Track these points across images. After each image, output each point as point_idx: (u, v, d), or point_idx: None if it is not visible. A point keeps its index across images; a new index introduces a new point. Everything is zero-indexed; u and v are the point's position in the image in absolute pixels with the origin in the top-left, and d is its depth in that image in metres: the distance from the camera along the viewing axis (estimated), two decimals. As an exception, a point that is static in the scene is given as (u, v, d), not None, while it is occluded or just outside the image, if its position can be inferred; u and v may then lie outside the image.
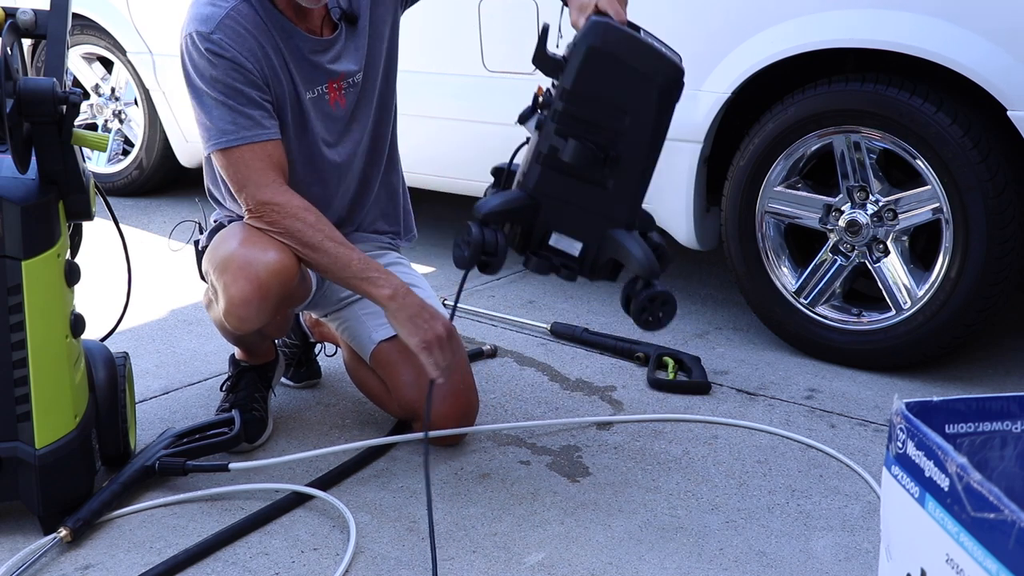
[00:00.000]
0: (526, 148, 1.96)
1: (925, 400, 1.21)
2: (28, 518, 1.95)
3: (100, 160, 4.54)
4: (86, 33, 4.35)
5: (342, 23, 2.19)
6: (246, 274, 2.03)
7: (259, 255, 2.04)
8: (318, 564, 1.86)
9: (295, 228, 2.05)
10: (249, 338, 2.27)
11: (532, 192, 1.89)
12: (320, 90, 2.17)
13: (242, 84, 2.04)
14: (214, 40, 2.02)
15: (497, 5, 3.08)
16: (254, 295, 2.04)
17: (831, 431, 2.37)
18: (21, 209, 1.82)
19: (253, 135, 2.05)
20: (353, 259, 2.06)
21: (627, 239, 1.92)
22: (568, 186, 1.89)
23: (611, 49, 1.83)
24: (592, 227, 1.92)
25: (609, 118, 1.86)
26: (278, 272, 2.04)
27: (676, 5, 2.79)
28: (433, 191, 3.50)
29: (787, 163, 2.71)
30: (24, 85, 1.78)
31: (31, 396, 1.87)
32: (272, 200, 2.05)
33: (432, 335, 2.02)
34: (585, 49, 1.83)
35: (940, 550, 1.10)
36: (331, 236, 2.07)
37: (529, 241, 1.94)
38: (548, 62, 1.88)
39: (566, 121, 1.85)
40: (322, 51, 2.16)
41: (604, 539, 1.93)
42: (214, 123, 2.05)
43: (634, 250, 1.91)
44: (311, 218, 2.06)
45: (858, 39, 2.51)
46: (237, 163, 2.05)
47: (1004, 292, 2.51)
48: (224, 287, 2.06)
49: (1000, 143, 2.43)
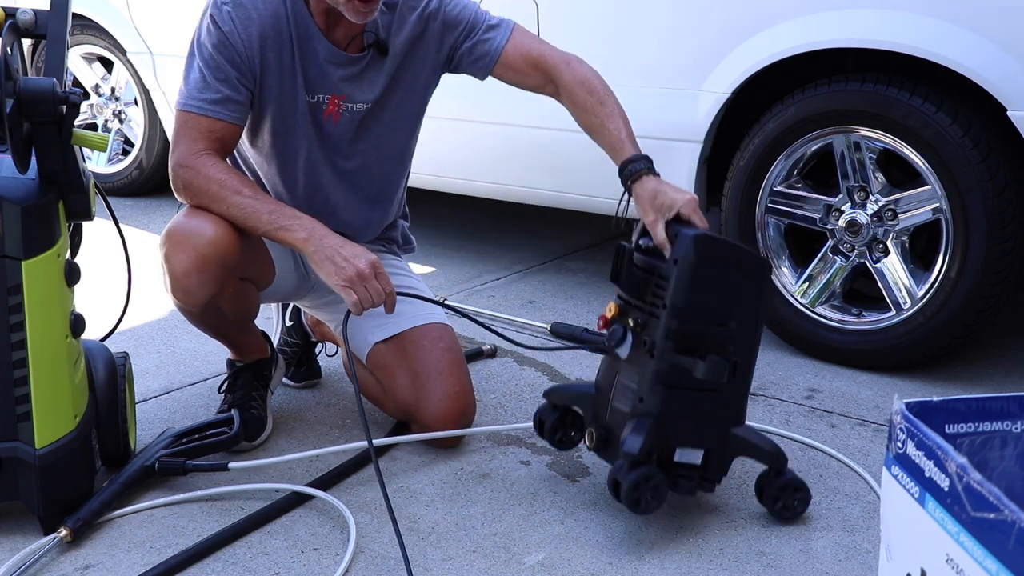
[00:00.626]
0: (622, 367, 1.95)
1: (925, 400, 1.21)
2: (28, 518, 1.95)
3: (100, 160, 4.54)
4: (86, 33, 4.35)
5: (371, 49, 2.17)
6: (184, 246, 2.04)
7: (197, 225, 2.05)
8: (318, 564, 1.86)
9: (202, 187, 2.05)
10: (217, 323, 2.25)
11: (659, 416, 1.88)
12: (322, 98, 2.17)
13: (225, 62, 2.06)
14: (223, 11, 2.06)
15: (497, 5, 3.08)
16: (193, 265, 2.04)
17: (831, 431, 2.37)
18: (21, 209, 1.81)
19: (212, 110, 2.07)
20: (263, 211, 2.04)
21: (747, 433, 1.95)
22: (689, 399, 1.89)
23: (715, 261, 1.87)
24: (713, 432, 1.92)
25: (720, 325, 1.88)
26: (214, 240, 2.04)
27: (676, 5, 2.79)
28: (433, 191, 3.50)
29: (787, 163, 2.71)
30: (24, 85, 1.78)
31: (31, 396, 1.87)
32: (187, 163, 2.07)
33: (353, 272, 1.99)
34: (693, 267, 1.85)
35: (940, 550, 1.10)
36: (239, 191, 2.05)
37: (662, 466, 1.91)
38: (635, 281, 1.93)
39: (680, 338, 1.85)
40: (339, 64, 2.15)
41: (604, 539, 1.93)
42: (188, 86, 2.09)
43: (759, 443, 1.95)
44: (220, 177, 2.05)
45: (858, 39, 2.51)
46: (184, 126, 2.09)
47: (1004, 292, 2.51)
48: (166, 259, 2.07)
49: (1000, 143, 2.43)
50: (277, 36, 2.09)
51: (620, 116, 2.14)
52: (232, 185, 2.05)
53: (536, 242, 3.84)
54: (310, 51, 2.12)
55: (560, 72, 2.20)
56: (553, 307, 3.18)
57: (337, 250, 2.01)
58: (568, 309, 3.15)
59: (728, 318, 1.88)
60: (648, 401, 1.88)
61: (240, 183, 2.07)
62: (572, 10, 2.98)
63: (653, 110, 2.84)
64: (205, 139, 2.07)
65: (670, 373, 1.86)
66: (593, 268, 3.52)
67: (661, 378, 1.87)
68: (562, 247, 3.78)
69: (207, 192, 2.06)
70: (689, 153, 2.79)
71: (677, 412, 1.88)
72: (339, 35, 2.14)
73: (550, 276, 3.47)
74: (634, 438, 1.85)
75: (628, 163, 2.06)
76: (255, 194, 2.07)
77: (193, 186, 2.07)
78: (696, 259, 1.85)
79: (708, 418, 1.91)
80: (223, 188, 2.05)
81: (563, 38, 2.99)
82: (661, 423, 1.87)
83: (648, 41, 2.85)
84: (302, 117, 2.17)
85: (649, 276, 1.91)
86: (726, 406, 1.92)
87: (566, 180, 3.11)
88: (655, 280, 1.90)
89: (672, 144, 2.83)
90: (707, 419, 1.91)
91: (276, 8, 2.09)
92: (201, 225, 2.05)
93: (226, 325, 2.28)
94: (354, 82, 2.18)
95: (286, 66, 2.12)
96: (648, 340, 1.88)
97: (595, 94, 2.17)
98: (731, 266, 1.88)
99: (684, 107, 2.79)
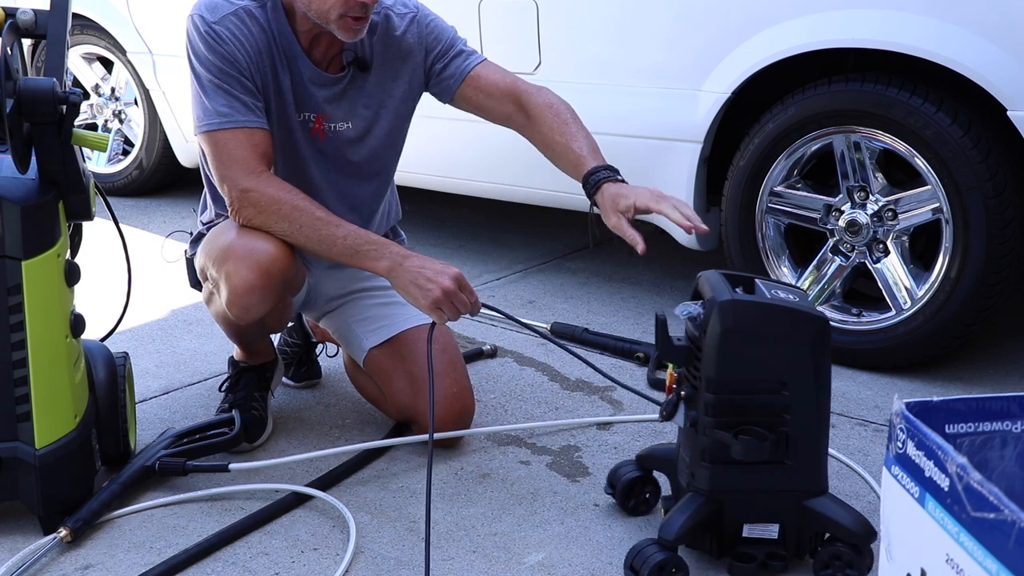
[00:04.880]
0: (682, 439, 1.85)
1: (925, 400, 1.21)
2: (28, 518, 1.95)
3: (100, 160, 4.54)
4: (86, 33, 4.35)
5: (351, 68, 2.17)
6: (247, 262, 2.02)
7: (258, 243, 2.03)
8: (318, 564, 1.86)
9: (274, 209, 2.01)
10: (251, 332, 2.27)
11: (710, 494, 1.76)
12: (308, 116, 2.16)
13: (237, 74, 2.04)
14: (216, 30, 2.03)
15: (497, 5, 3.08)
16: (257, 282, 2.03)
17: (831, 431, 2.36)
18: (21, 209, 1.82)
19: (246, 120, 2.03)
20: (338, 237, 2.01)
21: (827, 507, 1.77)
22: (746, 473, 1.74)
23: (745, 326, 1.71)
24: (784, 505, 1.77)
25: (767, 393, 1.73)
26: (277, 258, 2.03)
27: (676, 5, 2.79)
28: (433, 191, 3.50)
29: (787, 163, 2.71)
30: (24, 85, 1.78)
31: (31, 396, 1.87)
32: (252, 187, 2.01)
33: (439, 293, 1.95)
34: (720, 334, 1.70)
35: (940, 550, 1.10)
36: (313, 216, 2.01)
37: (723, 542, 1.79)
38: (676, 351, 1.77)
39: (723, 412, 1.73)
40: (321, 85, 2.15)
41: (604, 539, 1.93)
42: (211, 104, 2.03)
43: (841, 518, 1.76)
44: (293, 200, 2.01)
45: (858, 39, 2.51)
46: (225, 147, 2.03)
47: (1004, 292, 2.51)
48: (226, 277, 2.05)
49: (1000, 143, 2.43)
50: (269, 54, 2.08)
51: (586, 137, 2.12)
52: (306, 207, 2.01)
53: (536, 242, 3.84)
54: (296, 71, 2.12)
55: (531, 96, 2.19)
56: (553, 307, 3.18)
57: (420, 272, 1.97)
58: (568, 309, 3.15)
59: (779, 386, 1.73)
60: (699, 477, 1.77)
61: (311, 204, 2.03)
62: (572, 10, 2.98)
63: (653, 110, 2.85)
64: (254, 155, 2.03)
65: (714, 449, 1.74)
66: (593, 268, 3.52)
67: (708, 455, 1.75)
68: (562, 247, 3.78)
69: (279, 213, 2.01)
70: (689, 153, 2.79)
71: (734, 487, 1.76)
72: (319, 55, 2.14)
73: (550, 276, 3.47)
74: (673, 520, 1.75)
75: (590, 175, 2.04)
76: (327, 215, 2.03)
77: (266, 209, 2.01)
78: (722, 327, 1.70)
79: (774, 491, 1.76)
80: (296, 210, 2.01)
81: (563, 38, 3.01)
82: (715, 501, 1.76)
83: (648, 41, 2.85)
84: (296, 132, 2.16)
85: (691, 345, 1.78)
86: (795, 479, 1.76)
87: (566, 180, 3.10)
88: (694, 350, 1.77)
89: (672, 144, 2.83)
90: (774, 492, 1.76)
91: (260, 27, 2.07)
92: (261, 242, 2.03)
93: (257, 334, 2.30)
94: (335, 102, 2.17)
95: (282, 84, 2.11)
96: (691, 414, 1.78)
97: (561, 116, 2.16)
98: (771, 330, 1.72)
99: (684, 107, 2.79)
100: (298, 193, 2.05)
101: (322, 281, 2.37)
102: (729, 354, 1.71)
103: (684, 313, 1.78)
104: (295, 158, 2.19)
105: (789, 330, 1.72)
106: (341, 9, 1.98)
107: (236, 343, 2.39)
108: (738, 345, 1.71)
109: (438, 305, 1.96)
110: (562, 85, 3.00)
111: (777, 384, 1.73)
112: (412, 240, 3.73)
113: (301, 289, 2.30)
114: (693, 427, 1.77)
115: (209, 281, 2.16)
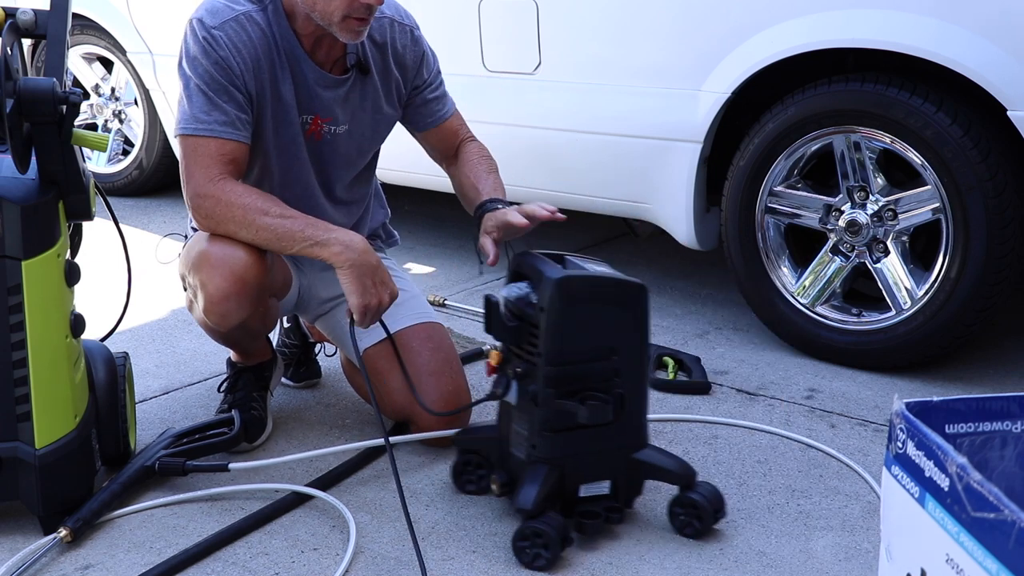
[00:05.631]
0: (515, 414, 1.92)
1: (925, 400, 1.21)
2: (28, 518, 1.95)
3: (100, 160, 4.54)
4: (86, 33, 4.35)
5: (354, 70, 2.18)
6: (221, 271, 2.03)
7: (232, 250, 2.03)
8: (318, 564, 1.86)
9: (226, 214, 2.01)
10: (236, 336, 2.27)
11: (552, 461, 1.87)
12: (306, 118, 2.17)
13: (227, 82, 2.03)
14: (214, 35, 2.02)
15: (497, 5, 3.08)
16: (231, 289, 2.03)
17: (831, 431, 2.37)
18: (21, 209, 1.82)
19: (223, 131, 2.03)
20: (295, 228, 2.01)
21: (651, 456, 1.94)
22: (581, 437, 1.87)
23: (583, 300, 1.84)
24: (614, 462, 1.92)
25: (600, 360, 1.86)
26: (251, 264, 2.03)
27: (676, 5, 2.79)
28: (433, 191, 3.50)
29: (787, 163, 2.71)
30: (24, 85, 1.78)
31: (31, 396, 1.87)
32: (206, 192, 2.02)
33: (375, 302, 2.02)
34: (560, 311, 1.82)
35: (940, 550, 1.10)
36: (267, 212, 2.01)
37: (567, 505, 1.90)
38: (508, 331, 1.89)
39: (561, 383, 1.84)
40: (327, 87, 2.15)
41: (604, 539, 1.93)
42: (192, 109, 2.03)
43: (664, 464, 1.94)
44: (244, 200, 2.01)
45: (858, 39, 2.51)
46: (195, 152, 2.03)
47: (1004, 292, 2.51)
48: (201, 285, 2.06)
49: (1000, 143, 2.43)
50: (268, 57, 2.08)
51: (493, 183, 2.26)
52: (258, 206, 2.01)
53: (536, 242, 3.83)
54: (299, 73, 2.12)
55: (468, 140, 2.37)
56: (553, 307, 3.17)
57: (371, 275, 2.01)
58: (568, 309, 3.15)
59: (610, 352, 1.86)
60: (541, 447, 1.87)
61: (265, 202, 2.03)
62: (572, 10, 2.98)
63: (653, 110, 2.84)
64: (218, 163, 2.03)
65: (557, 418, 1.85)
66: (593, 268, 3.52)
67: (549, 424, 1.85)
68: (562, 247, 3.77)
69: (232, 218, 2.01)
70: (689, 153, 2.79)
71: (573, 452, 1.88)
72: (322, 57, 2.14)
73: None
74: (526, 491, 1.84)
75: (486, 203, 2.18)
76: (282, 211, 2.03)
77: (217, 215, 2.02)
78: (562, 303, 1.82)
79: (608, 449, 1.89)
80: (248, 211, 2.01)
81: (563, 38, 3.01)
82: (557, 467, 1.87)
83: (648, 41, 2.85)
84: (299, 136, 2.17)
85: (522, 323, 1.87)
86: (623, 435, 1.90)
87: (566, 180, 3.11)
88: (527, 327, 1.87)
89: (672, 144, 2.83)
90: (607, 450, 1.89)
91: (263, 32, 2.07)
92: (233, 249, 2.03)
93: (244, 337, 2.30)
94: (340, 104, 2.18)
95: (282, 88, 2.11)
96: (531, 388, 1.86)
97: (485, 159, 2.33)
98: (602, 300, 1.85)
99: (684, 107, 2.79)
100: (253, 192, 2.05)
101: (315, 283, 2.37)
102: (567, 326, 1.83)
103: (514, 294, 1.88)
104: (293, 159, 2.19)
105: (617, 298, 1.87)
106: (345, 10, 1.99)
107: (226, 347, 2.38)
108: (574, 317, 1.83)
109: (368, 311, 2.02)
110: (562, 85, 3.02)
111: (608, 350, 1.86)
112: (412, 240, 3.75)
113: (288, 292, 2.30)
114: (533, 401, 1.86)
115: (188, 288, 2.16)
